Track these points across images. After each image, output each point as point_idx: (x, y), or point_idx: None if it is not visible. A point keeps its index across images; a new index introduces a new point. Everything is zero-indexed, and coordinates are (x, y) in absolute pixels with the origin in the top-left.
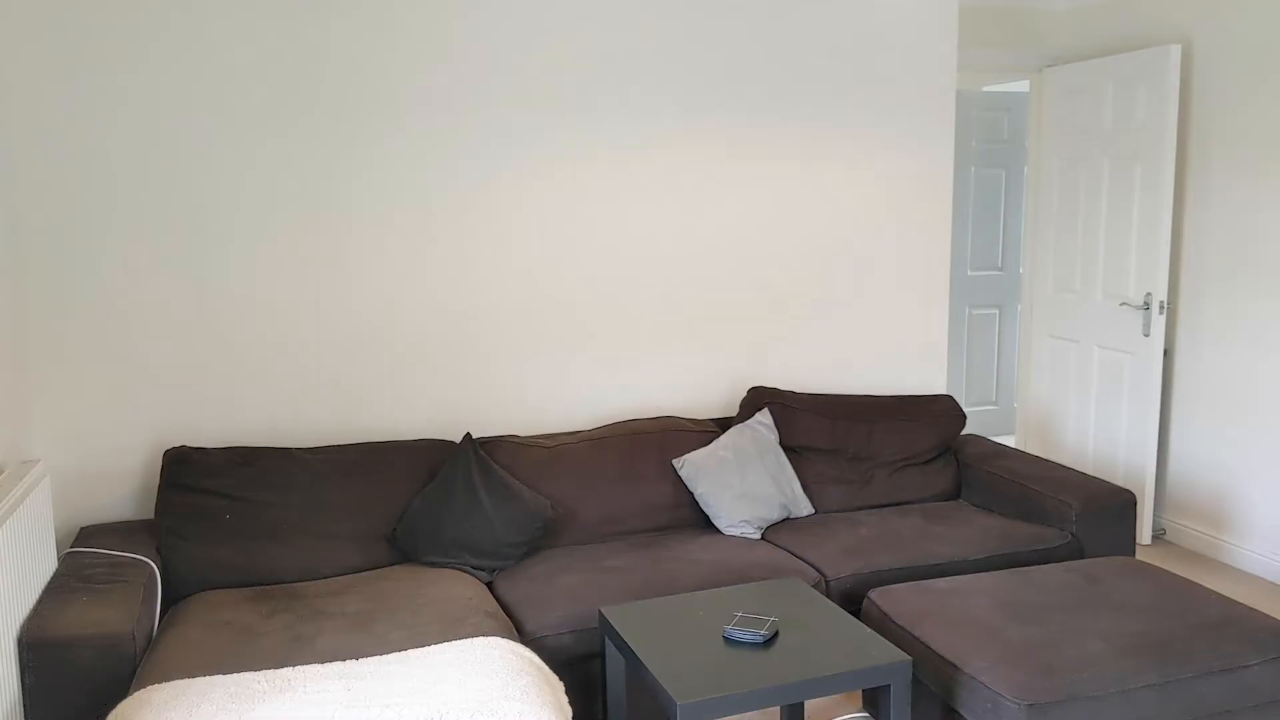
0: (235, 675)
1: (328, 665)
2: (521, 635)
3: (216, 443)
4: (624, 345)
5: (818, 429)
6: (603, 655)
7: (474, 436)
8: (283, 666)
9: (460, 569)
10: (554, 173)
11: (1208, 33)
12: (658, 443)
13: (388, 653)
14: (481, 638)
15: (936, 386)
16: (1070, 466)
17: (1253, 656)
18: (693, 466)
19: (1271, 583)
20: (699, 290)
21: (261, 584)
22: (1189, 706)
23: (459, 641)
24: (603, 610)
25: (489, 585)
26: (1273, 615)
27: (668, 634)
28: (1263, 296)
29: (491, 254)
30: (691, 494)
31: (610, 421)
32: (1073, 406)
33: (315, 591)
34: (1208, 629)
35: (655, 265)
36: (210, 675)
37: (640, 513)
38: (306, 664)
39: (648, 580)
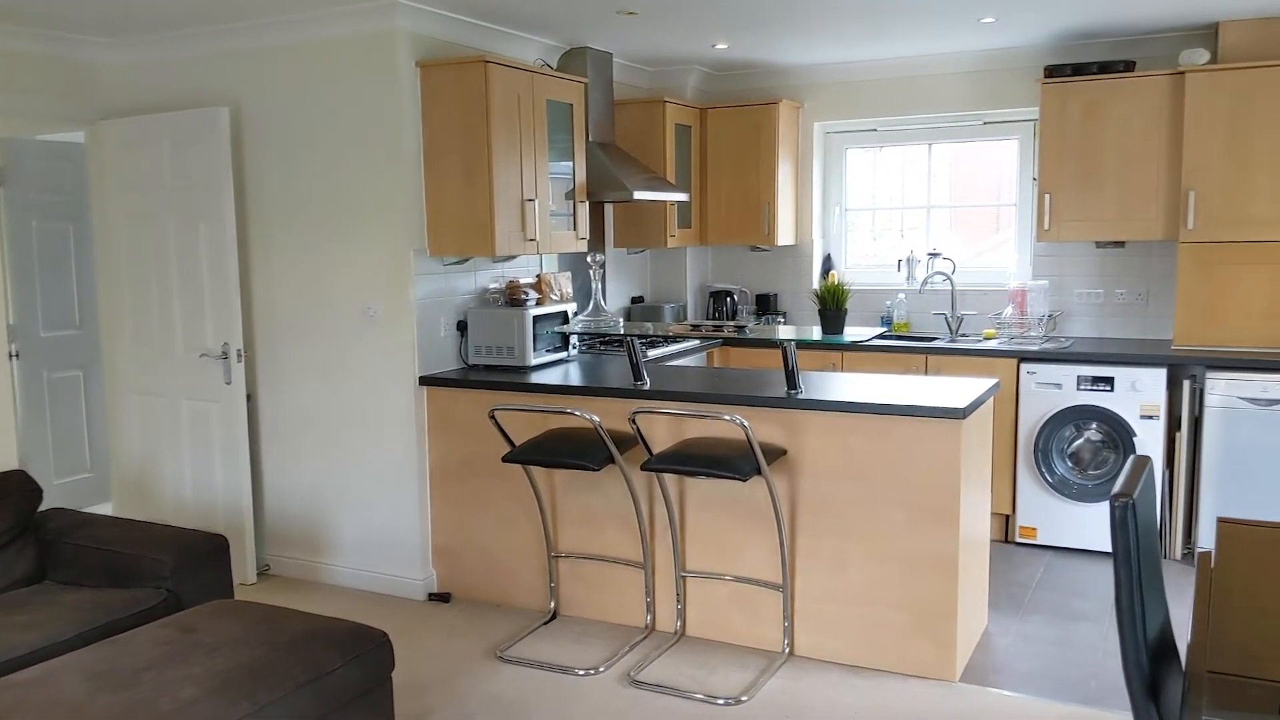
0: None
1: None
2: None
3: None
4: None
5: None
6: None
7: None
8: None
9: None
10: None
11: (253, 97)
12: None
13: None
14: None
15: (6, 462)
16: (166, 523)
17: (337, 660)
18: None
19: (362, 590)
20: None
21: None
22: None
23: None
24: None
25: None
26: (357, 620)
27: None
28: (330, 337)
29: None
30: None
31: None
32: (168, 461)
33: None
34: (296, 647)
35: None
36: None
37: None
38: None
39: None
